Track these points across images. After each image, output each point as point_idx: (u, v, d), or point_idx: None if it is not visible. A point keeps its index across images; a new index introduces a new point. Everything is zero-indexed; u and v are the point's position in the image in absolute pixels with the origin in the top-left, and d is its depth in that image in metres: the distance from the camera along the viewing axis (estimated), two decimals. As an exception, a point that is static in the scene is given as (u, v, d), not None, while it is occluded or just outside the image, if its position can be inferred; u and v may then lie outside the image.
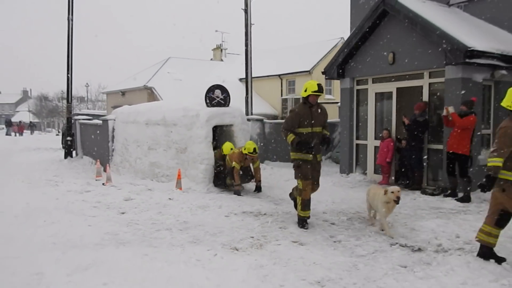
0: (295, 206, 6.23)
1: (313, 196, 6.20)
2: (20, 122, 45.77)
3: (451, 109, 7.84)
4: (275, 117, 27.98)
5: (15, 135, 39.65)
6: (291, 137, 5.83)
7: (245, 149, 8.34)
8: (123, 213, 6.77)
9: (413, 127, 8.74)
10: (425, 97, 8.92)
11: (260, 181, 8.67)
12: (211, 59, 36.28)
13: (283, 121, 6.53)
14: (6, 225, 5.89)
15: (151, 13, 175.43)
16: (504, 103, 4.33)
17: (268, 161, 13.30)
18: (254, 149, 8.25)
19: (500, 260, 4.33)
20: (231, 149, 8.83)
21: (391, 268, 4.32)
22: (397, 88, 9.59)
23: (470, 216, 6.47)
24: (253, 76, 31.55)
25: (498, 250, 4.51)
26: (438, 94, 8.75)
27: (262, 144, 13.15)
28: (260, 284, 3.91)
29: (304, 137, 5.83)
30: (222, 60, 35.52)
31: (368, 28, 9.77)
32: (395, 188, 5.55)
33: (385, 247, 5.01)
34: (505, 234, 4.76)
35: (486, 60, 8.03)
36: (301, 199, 5.88)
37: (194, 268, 4.30)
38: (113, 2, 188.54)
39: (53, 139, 30.78)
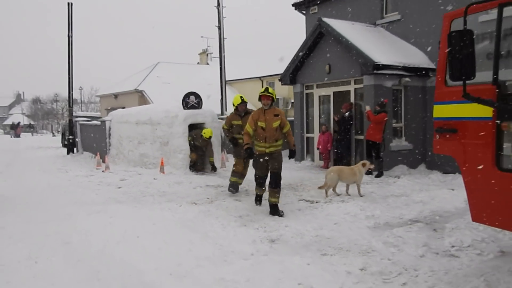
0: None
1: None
2: (18, 123, 48.21)
3: (367, 108, 10.48)
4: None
5: (12, 137, 42.13)
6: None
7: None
8: (119, 187, 9.30)
9: (341, 122, 11.38)
10: (352, 99, 11.55)
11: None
12: (198, 63, 38.75)
13: None
14: (39, 195, 8.43)
15: (142, 17, 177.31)
16: None
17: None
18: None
19: None
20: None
21: (293, 210, 6.90)
22: (333, 92, 12.23)
23: (368, 186, 9.08)
24: (235, 78, 34.19)
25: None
26: (360, 97, 11.38)
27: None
28: (205, 217, 6.47)
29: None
30: (208, 63, 37.97)
31: (311, 45, 12.37)
32: (367, 161, 8.30)
33: (294, 201, 7.62)
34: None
35: (392, 71, 10.66)
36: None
37: (166, 212, 6.86)
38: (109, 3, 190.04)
39: (51, 140, 33.18)
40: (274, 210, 6.59)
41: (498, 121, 3.23)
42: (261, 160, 6.69)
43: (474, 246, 4.86)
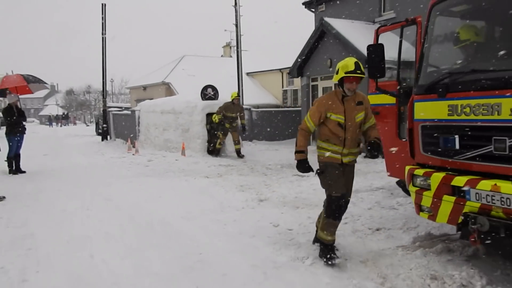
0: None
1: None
2: (67, 114, 54.80)
3: None
4: (277, 106, 32.04)
5: (61, 126, 47.23)
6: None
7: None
8: (147, 166, 11.13)
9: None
10: (350, 90, 12.97)
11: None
12: (222, 56, 40.47)
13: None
14: (83, 170, 10.38)
15: (168, 13, 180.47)
16: None
17: (255, 140, 17.51)
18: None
19: None
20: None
21: (285, 182, 8.50)
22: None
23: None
24: (257, 70, 35.60)
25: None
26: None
27: (249, 127, 17.35)
28: (213, 186, 8.17)
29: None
30: (231, 56, 39.58)
31: (315, 41, 13.84)
32: None
33: (289, 176, 9.20)
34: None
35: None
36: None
37: (183, 182, 8.61)
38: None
39: (85, 129, 35.74)
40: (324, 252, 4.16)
41: (398, 107, 4.74)
42: (337, 172, 4.21)
43: (412, 203, 6.37)
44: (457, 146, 3.81)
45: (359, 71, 4.07)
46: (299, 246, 4.61)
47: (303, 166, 4.30)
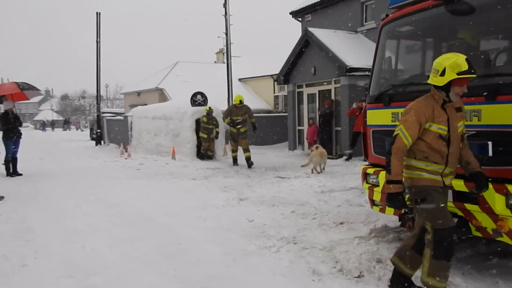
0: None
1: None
2: (69, 119, 56.35)
3: (354, 105, 12.44)
4: (269, 111, 32.66)
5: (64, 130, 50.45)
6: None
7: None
8: (138, 169, 11.70)
9: (323, 116, 13.48)
10: (332, 96, 13.63)
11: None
12: (215, 62, 41.10)
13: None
14: (77, 172, 10.93)
15: (163, 18, 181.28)
16: None
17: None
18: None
19: None
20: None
21: (266, 183, 9.09)
22: (318, 91, 14.33)
23: (338, 167, 11.20)
24: (249, 76, 36.23)
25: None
26: (339, 94, 13.46)
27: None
28: (199, 187, 8.75)
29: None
30: (224, 62, 40.17)
31: (300, 50, 14.49)
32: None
33: (271, 177, 9.81)
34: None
35: (364, 72, 12.65)
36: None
37: (171, 184, 9.18)
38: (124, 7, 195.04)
39: (80, 134, 36.19)
40: None
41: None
42: (442, 198, 3.38)
43: (378, 201, 6.98)
44: (399, 148, 4.41)
45: (473, 70, 3.23)
46: (268, 238, 5.20)
47: (397, 200, 3.34)
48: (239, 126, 11.77)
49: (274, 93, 34.21)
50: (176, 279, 3.94)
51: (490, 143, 3.56)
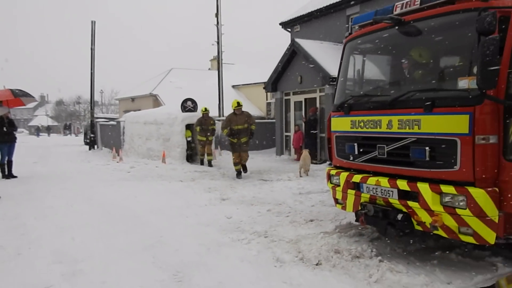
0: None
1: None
2: (70, 124, 56.63)
3: None
4: (262, 118, 33.21)
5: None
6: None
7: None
8: (128, 172, 12.18)
9: (308, 123, 14.04)
10: (318, 104, 14.21)
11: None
12: (209, 69, 41.69)
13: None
14: (69, 175, 11.40)
15: (160, 24, 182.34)
16: None
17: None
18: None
19: None
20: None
21: (249, 185, 9.60)
22: (305, 99, 14.91)
23: (320, 172, 11.73)
24: (243, 83, 36.82)
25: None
26: (324, 102, 14.04)
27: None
28: (185, 188, 9.25)
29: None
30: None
31: (288, 59, 15.08)
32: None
33: (254, 180, 10.32)
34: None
35: (347, 82, 13.25)
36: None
37: (159, 185, 9.67)
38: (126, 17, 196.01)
39: (74, 139, 36.57)
40: None
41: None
42: None
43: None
44: (356, 152, 4.98)
45: None
46: (242, 232, 5.71)
47: None
48: (240, 136, 10.74)
49: (267, 100, 34.83)
50: (155, 265, 4.45)
51: (427, 148, 4.11)
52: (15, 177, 11.02)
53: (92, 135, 20.66)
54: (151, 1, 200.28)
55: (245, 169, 11.15)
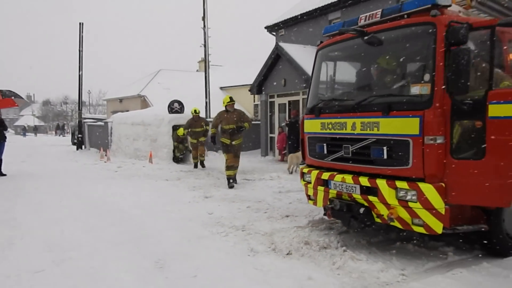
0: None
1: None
2: (63, 125, 56.00)
3: None
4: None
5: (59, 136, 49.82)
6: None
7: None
8: (116, 171, 12.51)
9: (290, 125, 14.51)
10: (300, 107, 14.69)
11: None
12: (197, 70, 42.01)
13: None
14: (58, 173, 11.70)
15: (148, 25, 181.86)
16: None
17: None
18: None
19: None
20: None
21: (237, 183, 10.02)
22: (288, 101, 15.39)
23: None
24: (230, 85, 37.22)
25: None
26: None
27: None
28: (170, 187, 9.63)
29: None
30: (206, 71, 41.15)
31: (272, 63, 15.54)
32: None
33: (238, 180, 10.75)
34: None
35: (328, 85, 13.76)
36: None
37: (145, 184, 10.04)
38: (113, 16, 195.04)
39: (61, 139, 36.59)
40: None
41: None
42: None
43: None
44: (325, 151, 5.44)
45: None
46: (222, 226, 6.13)
47: None
48: (231, 137, 9.80)
49: (254, 101, 35.32)
50: (139, 254, 4.85)
51: (385, 148, 4.58)
52: (4, 175, 11.29)
53: (79, 135, 20.89)
54: (140, 1, 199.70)
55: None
